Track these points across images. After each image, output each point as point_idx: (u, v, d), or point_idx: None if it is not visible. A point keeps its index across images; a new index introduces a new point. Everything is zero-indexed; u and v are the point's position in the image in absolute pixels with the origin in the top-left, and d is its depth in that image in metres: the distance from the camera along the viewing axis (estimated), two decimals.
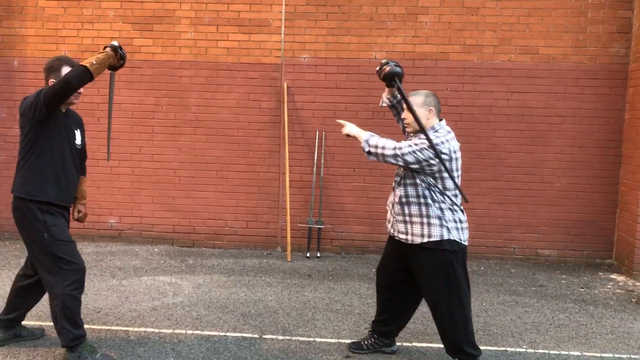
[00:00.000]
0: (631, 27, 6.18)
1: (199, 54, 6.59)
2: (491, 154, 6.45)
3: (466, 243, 3.48)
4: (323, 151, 6.54)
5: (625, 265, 6.09)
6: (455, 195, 3.46)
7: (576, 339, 4.28)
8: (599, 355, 4.01)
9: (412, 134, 3.60)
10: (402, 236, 3.51)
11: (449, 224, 3.39)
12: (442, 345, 3.67)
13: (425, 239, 3.39)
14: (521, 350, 4.05)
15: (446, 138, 3.41)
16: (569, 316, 4.78)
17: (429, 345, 4.06)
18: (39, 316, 4.32)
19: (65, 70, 3.46)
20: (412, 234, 3.44)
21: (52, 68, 3.51)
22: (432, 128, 3.48)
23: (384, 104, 3.88)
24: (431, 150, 3.30)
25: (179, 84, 6.63)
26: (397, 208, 3.52)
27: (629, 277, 5.96)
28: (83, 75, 3.27)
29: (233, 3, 6.52)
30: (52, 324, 4.15)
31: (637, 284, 5.78)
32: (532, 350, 4.05)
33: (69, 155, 3.57)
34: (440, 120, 3.56)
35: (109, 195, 6.73)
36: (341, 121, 3.66)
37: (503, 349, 4.07)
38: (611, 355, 4.02)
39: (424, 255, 3.42)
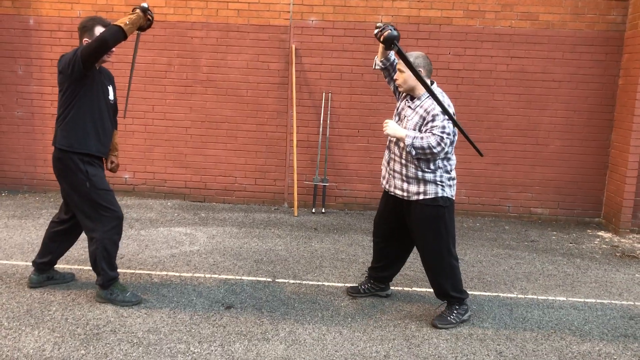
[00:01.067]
0: None
1: (210, 16, 6.80)
2: (489, 117, 6.74)
3: (454, 198, 3.81)
4: (329, 112, 6.83)
5: (613, 223, 6.47)
6: (449, 159, 3.72)
7: (562, 287, 4.67)
8: (582, 300, 4.40)
9: (405, 95, 3.82)
10: (399, 192, 3.80)
11: (444, 182, 3.70)
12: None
13: (422, 197, 3.70)
14: (512, 295, 4.44)
15: (448, 103, 3.67)
16: (557, 267, 5.17)
17: (427, 290, 4.44)
18: (67, 261, 4.67)
19: (99, 29, 3.69)
20: (409, 192, 3.74)
21: (85, 27, 3.73)
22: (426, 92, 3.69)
23: (377, 67, 4.03)
24: (450, 122, 3.57)
25: (190, 45, 6.85)
26: (396, 166, 3.78)
27: (615, 234, 6.35)
28: (117, 34, 3.52)
29: None
30: (81, 267, 4.54)
31: (623, 240, 6.16)
32: (522, 296, 4.43)
33: (105, 109, 3.84)
34: (432, 83, 3.75)
35: (123, 151, 7.01)
36: (387, 121, 3.73)
37: (495, 294, 4.45)
38: (594, 300, 4.41)
39: (419, 210, 3.73)
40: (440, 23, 6.64)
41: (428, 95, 3.66)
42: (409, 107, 3.75)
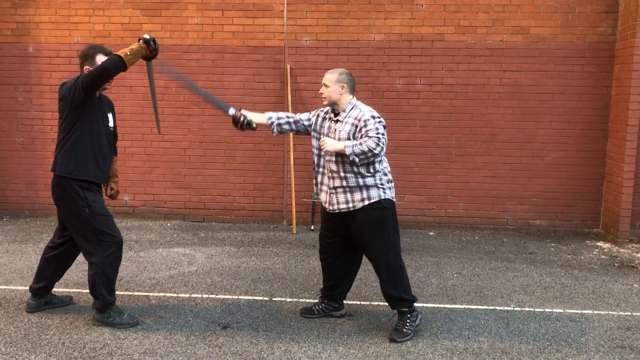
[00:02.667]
0: (617, 7, 6.46)
1: (205, 38, 6.90)
2: (484, 130, 6.79)
3: (395, 200, 3.94)
4: None
5: (611, 233, 6.47)
6: (382, 162, 3.86)
7: (560, 299, 4.67)
8: (579, 311, 4.40)
9: (323, 117, 3.98)
10: (344, 206, 3.86)
11: (384, 185, 3.83)
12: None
13: (366, 202, 3.80)
14: (509, 308, 4.44)
15: (374, 112, 3.82)
16: (555, 279, 5.17)
17: (420, 305, 4.44)
18: (66, 284, 4.71)
19: (100, 58, 3.78)
20: (354, 201, 3.82)
21: (87, 55, 3.82)
22: (350, 103, 3.87)
23: (275, 130, 4.10)
24: (383, 123, 3.78)
25: (187, 67, 6.95)
26: (336, 182, 3.84)
27: (614, 245, 6.34)
28: (118, 64, 3.59)
29: None
30: (79, 290, 4.58)
31: (621, 250, 6.16)
32: (519, 309, 4.44)
33: (104, 136, 3.90)
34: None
35: (122, 173, 7.06)
36: (324, 139, 3.80)
37: (492, 307, 4.46)
38: (591, 311, 4.41)
39: (365, 215, 3.80)
40: (432, 39, 6.72)
41: (352, 106, 3.86)
42: (337, 120, 3.88)
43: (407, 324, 3.86)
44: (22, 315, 4.10)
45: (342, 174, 3.82)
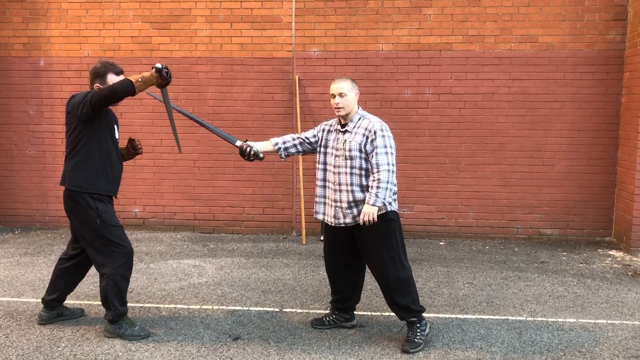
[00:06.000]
0: (626, 15, 6.45)
1: (214, 50, 6.95)
2: (494, 139, 6.77)
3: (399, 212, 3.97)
4: None
5: (624, 242, 6.41)
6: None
7: (573, 308, 4.62)
8: (593, 321, 4.36)
9: (328, 129, 3.98)
10: (350, 220, 3.84)
11: (390, 198, 3.79)
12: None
13: None
14: (521, 318, 4.40)
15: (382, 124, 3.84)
16: (568, 288, 5.12)
17: (431, 315, 4.42)
18: (78, 296, 4.72)
19: (111, 77, 3.84)
20: (359, 214, 3.79)
21: (98, 73, 3.87)
22: (357, 113, 3.87)
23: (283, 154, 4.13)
24: (392, 135, 3.81)
25: (196, 79, 6.99)
26: (342, 196, 3.82)
27: (627, 253, 6.28)
28: (127, 89, 3.63)
29: (246, 0, 6.87)
30: (90, 302, 4.59)
31: (634, 259, 6.10)
32: (532, 319, 4.40)
33: (113, 148, 3.94)
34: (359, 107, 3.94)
35: (132, 186, 7.13)
36: (361, 219, 3.74)
37: (505, 317, 4.42)
38: (604, 321, 4.36)
39: (372, 227, 3.76)
40: (440, 49, 6.73)
41: (360, 116, 3.86)
42: (345, 131, 3.86)
43: (418, 334, 3.83)
44: (34, 328, 4.11)
45: (349, 188, 3.81)
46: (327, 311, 4.33)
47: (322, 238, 6.83)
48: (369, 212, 3.69)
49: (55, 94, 7.13)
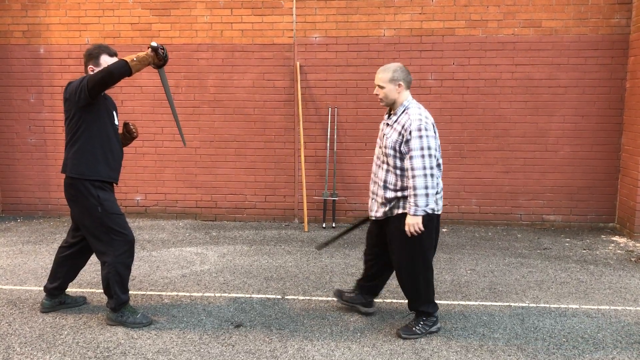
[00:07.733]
0: None
1: (215, 37, 6.90)
2: (497, 125, 6.72)
3: (439, 212, 3.73)
4: (336, 127, 6.86)
5: (627, 227, 6.38)
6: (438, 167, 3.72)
7: (575, 294, 4.61)
8: (595, 307, 4.34)
9: (389, 109, 3.80)
10: (380, 215, 3.79)
11: (433, 203, 3.63)
12: None
13: (400, 210, 3.70)
14: (524, 305, 4.39)
15: (426, 115, 3.63)
16: (570, 275, 5.10)
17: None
18: (80, 284, 4.72)
19: (104, 58, 3.78)
20: (391, 208, 3.73)
21: (91, 55, 3.81)
22: (402, 105, 3.66)
23: None
24: (431, 134, 3.55)
25: (196, 66, 6.95)
26: (379, 190, 3.77)
27: (630, 239, 6.26)
28: (123, 69, 3.58)
29: None
30: (92, 290, 4.59)
31: (638, 244, 6.07)
32: (534, 305, 4.38)
33: (112, 134, 3.91)
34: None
35: (134, 174, 7.11)
36: (407, 230, 3.63)
37: (507, 304, 4.41)
38: (607, 307, 4.35)
39: (398, 221, 3.70)
40: (443, 34, 6.66)
41: (404, 108, 3.66)
42: (387, 124, 3.76)
43: (420, 325, 3.81)
44: (37, 316, 4.12)
45: (382, 184, 3.74)
46: (351, 288, 4.32)
47: (323, 226, 6.82)
48: (412, 223, 3.56)
49: (55, 81, 7.09)
